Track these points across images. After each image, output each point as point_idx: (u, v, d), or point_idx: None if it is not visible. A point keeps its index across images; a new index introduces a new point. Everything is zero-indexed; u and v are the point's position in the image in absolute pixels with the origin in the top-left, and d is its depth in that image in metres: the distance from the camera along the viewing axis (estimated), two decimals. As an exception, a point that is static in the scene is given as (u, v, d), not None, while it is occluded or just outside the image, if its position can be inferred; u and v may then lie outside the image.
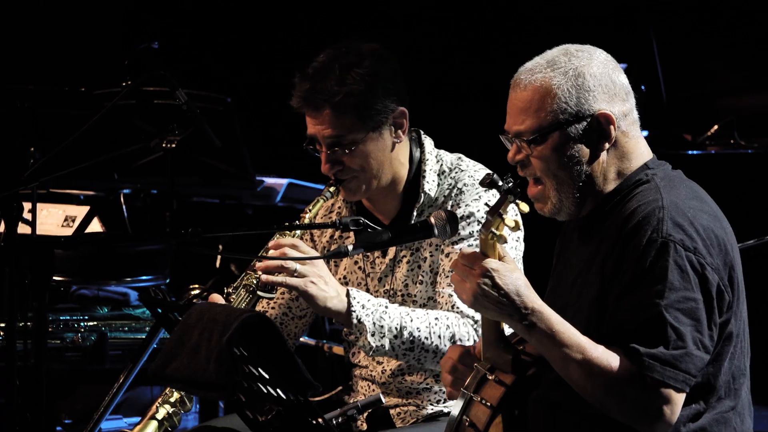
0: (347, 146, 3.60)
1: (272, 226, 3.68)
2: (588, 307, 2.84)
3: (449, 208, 3.64)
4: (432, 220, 3.19)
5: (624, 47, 4.53)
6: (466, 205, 3.63)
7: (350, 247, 3.21)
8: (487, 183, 2.82)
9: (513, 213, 2.82)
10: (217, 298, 3.59)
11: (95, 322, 5.34)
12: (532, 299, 2.80)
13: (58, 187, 5.73)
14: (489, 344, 2.92)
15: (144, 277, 5.53)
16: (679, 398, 2.73)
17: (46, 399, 4.23)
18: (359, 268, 3.74)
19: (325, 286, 3.47)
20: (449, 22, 7.58)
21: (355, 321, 3.48)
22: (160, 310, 3.08)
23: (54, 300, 5.42)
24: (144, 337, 5.07)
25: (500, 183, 2.79)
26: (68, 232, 5.53)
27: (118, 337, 5.34)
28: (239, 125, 5.54)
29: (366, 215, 3.71)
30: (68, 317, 5.33)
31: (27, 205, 4.28)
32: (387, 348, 3.51)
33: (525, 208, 2.82)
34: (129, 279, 5.50)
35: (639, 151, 2.95)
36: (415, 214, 3.68)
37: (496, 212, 2.78)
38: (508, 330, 2.93)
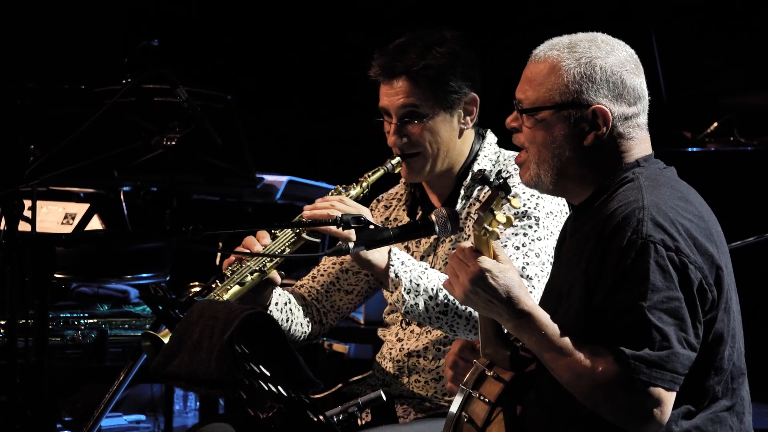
0: (418, 119, 3.65)
1: (273, 223, 3.69)
2: (576, 308, 2.85)
3: None
4: (433, 217, 3.20)
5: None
6: (512, 186, 3.66)
7: (351, 245, 3.22)
8: (479, 179, 2.86)
9: (505, 210, 2.83)
10: (263, 234, 3.61)
11: (96, 320, 5.33)
12: (523, 300, 2.82)
13: (58, 184, 5.72)
14: (487, 340, 2.94)
15: (144, 275, 5.53)
16: (669, 398, 2.74)
17: (46, 396, 4.22)
18: (405, 246, 3.76)
19: None
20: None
21: (392, 275, 3.51)
22: (160, 308, 3.09)
23: (54, 297, 5.42)
24: (144, 334, 5.06)
25: (491, 179, 2.84)
26: (68, 229, 5.53)
27: (119, 334, 5.33)
28: (240, 123, 5.54)
29: (423, 198, 3.79)
30: (69, 315, 5.32)
31: (27, 203, 4.28)
32: (421, 308, 3.52)
33: (517, 203, 2.85)
34: (129, 276, 5.50)
35: (635, 151, 2.94)
36: (462, 193, 3.71)
37: (487, 208, 2.81)
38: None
